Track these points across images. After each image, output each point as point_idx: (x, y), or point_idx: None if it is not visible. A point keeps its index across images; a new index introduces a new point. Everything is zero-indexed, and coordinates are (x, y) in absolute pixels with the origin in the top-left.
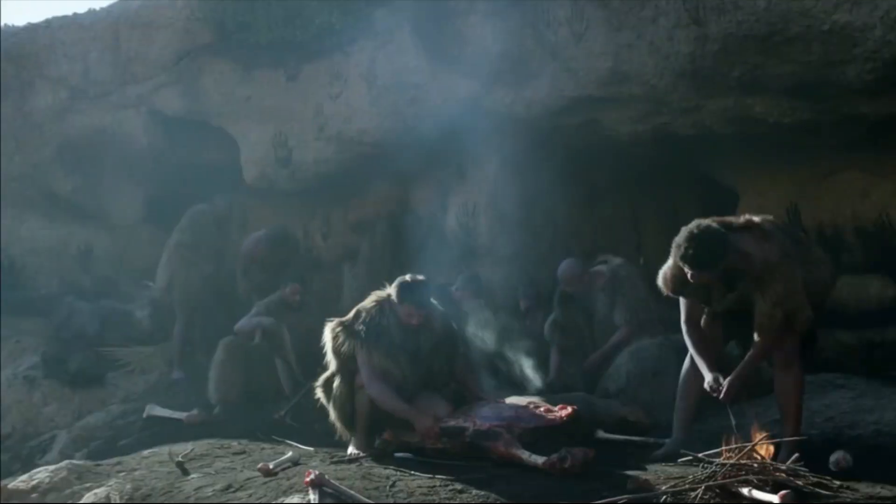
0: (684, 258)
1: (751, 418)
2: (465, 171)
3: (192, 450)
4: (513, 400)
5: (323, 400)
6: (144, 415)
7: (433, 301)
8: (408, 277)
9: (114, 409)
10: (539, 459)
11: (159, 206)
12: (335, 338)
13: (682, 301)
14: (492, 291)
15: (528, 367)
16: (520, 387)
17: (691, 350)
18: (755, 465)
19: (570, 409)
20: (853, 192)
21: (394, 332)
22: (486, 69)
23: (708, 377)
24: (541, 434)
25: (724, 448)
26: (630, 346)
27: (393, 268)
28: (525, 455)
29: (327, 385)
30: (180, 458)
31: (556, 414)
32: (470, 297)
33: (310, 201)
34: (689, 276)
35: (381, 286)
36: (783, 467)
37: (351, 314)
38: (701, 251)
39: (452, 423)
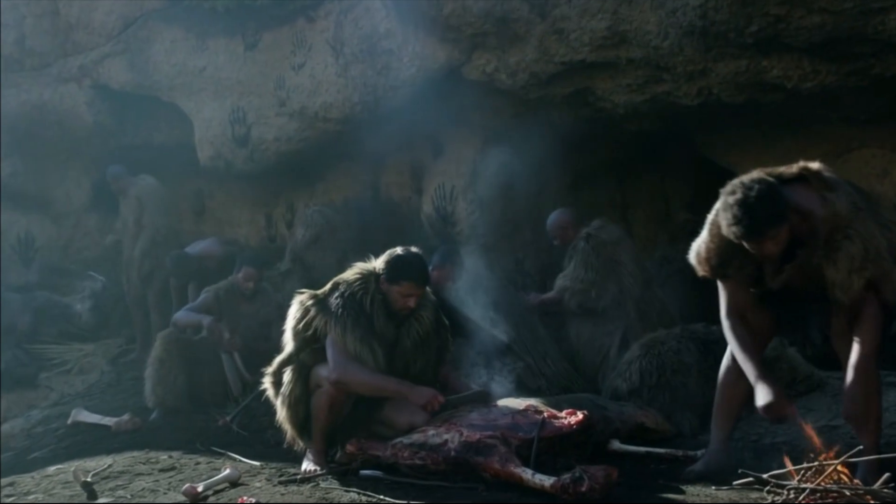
0: (741, 224)
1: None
2: (441, 150)
3: (109, 465)
4: (507, 403)
5: (270, 395)
6: (69, 421)
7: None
8: (400, 250)
9: (35, 415)
10: (546, 480)
11: (108, 191)
12: (304, 311)
13: (722, 286)
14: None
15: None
16: (522, 384)
17: (737, 350)
18: (843, 489)
19: (580, 416)
20: (871, 172)
21: (375, 315)
22: (465, 32)
23: (765, 395)
24: (545, 446)
25: (791, 468)
26: (642, 339)
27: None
28: (527, 475)
29: (278, 376)
30: (89, 479)
31: (563, 421)
32: (451, 275)
33: (272, 186)
34: (749, 247)
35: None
36: (884, 493)
37: (327, 286)
38: (762, 211)
39: (432, 434)
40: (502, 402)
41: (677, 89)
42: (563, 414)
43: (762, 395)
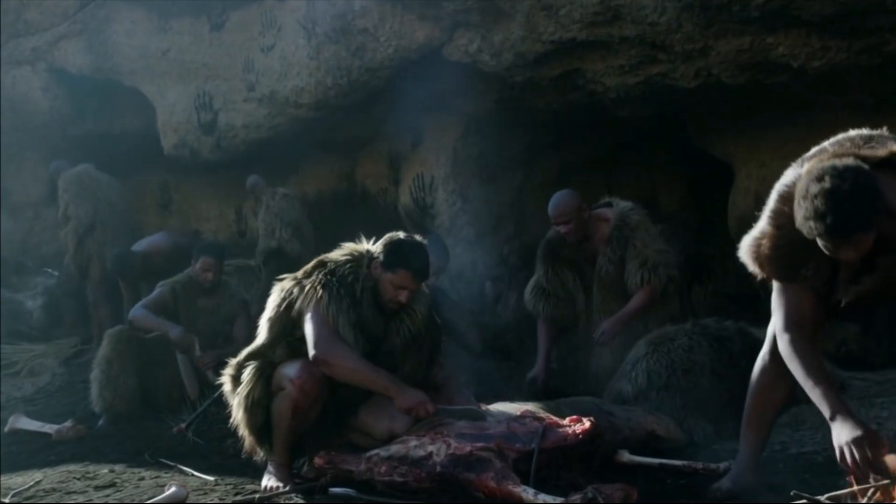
0: (824, 220)
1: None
2: (421, 138)
3: (37, 482)
4: (500, 408)
5: (227, 394)
6: (7, 428)
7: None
8: (402, 235)
9: None
10: (552, 501)
11: None
12: (286, 294)
13: (781, 291)
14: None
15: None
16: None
17: (800, 373)
18: None
19: (586, 423)
20: None
21: (364, 305)
22: (446, 9)
23: (850, 431)
24: (546, 460)
25: (857, 489)
26: (649, 333)
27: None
28: (528, 494)
29: (240, 372)
30: (7, 500)
31: (566, 430)
32: (437, 269)
33: (242, 178)
34: (823, 247)
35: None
36: None
37: (310, 265)
38: (853, 209)
39: (415, 445)
40: (495, 408)
41: (674, 70)
42: (566, 421)
43: (846, 432)
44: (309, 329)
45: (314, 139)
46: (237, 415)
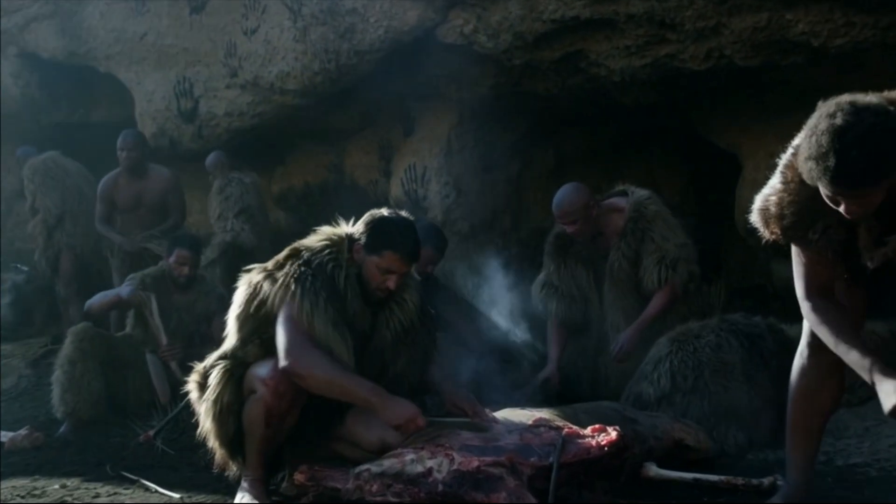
0: (827, 161)
1: None
2: (413, 127)
3: None
4: (510, 415)
5: (193, 400)
6: None
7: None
8: (386, 212)
9: None
10: None
11: None
12: (254, 289)
13: (797, 257)
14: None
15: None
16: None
17: (831, 338)
18: None
19: (612, 434)
20: None
21: (348, 296)
22: None
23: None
24: (566, 476)
25: None
26: (669, 332)
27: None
28: None
29: (206, 377)
30: None
31: (588, 441)
32: (432, 259)
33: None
34: (826, 196)
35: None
36: None
37: (282, 254)
38: (866, 152)
39: (412, 459)
40: (501, 415)
41: (683, 51)
42: (587, 431)
43: (891, 393)
44: (280, 334)
45: (300, 128)
46: (205, 424)
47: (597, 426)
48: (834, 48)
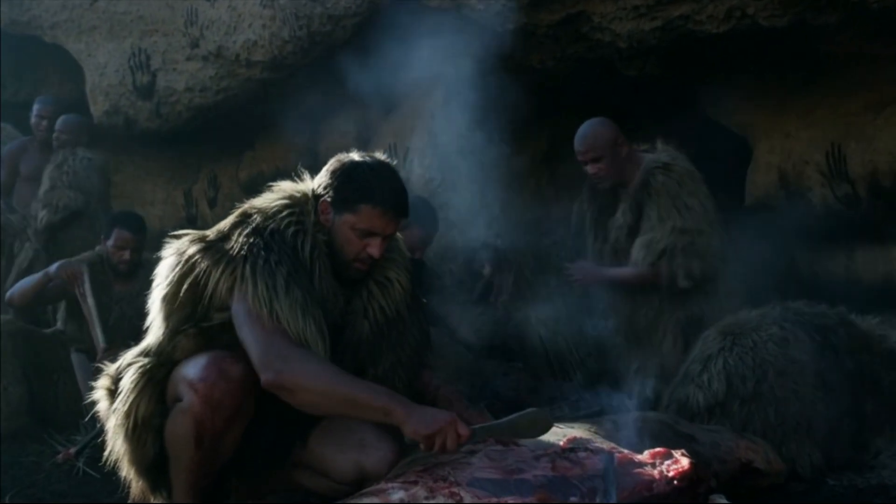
0: None
1: None
2: (393, 105)
3: None
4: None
5: (101, 412)
6: None
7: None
8: (357, 156)
9: None
10: None
11: None
12: (187, 263)
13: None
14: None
15: None
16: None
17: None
18: None
19: (684, 462)
20: None
21: (316, 272)
22: None
23: None
24: None
25: None
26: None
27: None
28: None
29: (118, 381)
30: None
31: (650, 472)
32: (422, 238)
33: (191, 156)
34: None
35: None
36: None
37: (227, 220)
38: None
39: (400, 496)
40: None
41: (699, 11)
42: (644, 456)
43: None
44: (245, 337)
45: (270, 107)
46: (115, 444)
47: (658, 450)
48: (872, 4)
